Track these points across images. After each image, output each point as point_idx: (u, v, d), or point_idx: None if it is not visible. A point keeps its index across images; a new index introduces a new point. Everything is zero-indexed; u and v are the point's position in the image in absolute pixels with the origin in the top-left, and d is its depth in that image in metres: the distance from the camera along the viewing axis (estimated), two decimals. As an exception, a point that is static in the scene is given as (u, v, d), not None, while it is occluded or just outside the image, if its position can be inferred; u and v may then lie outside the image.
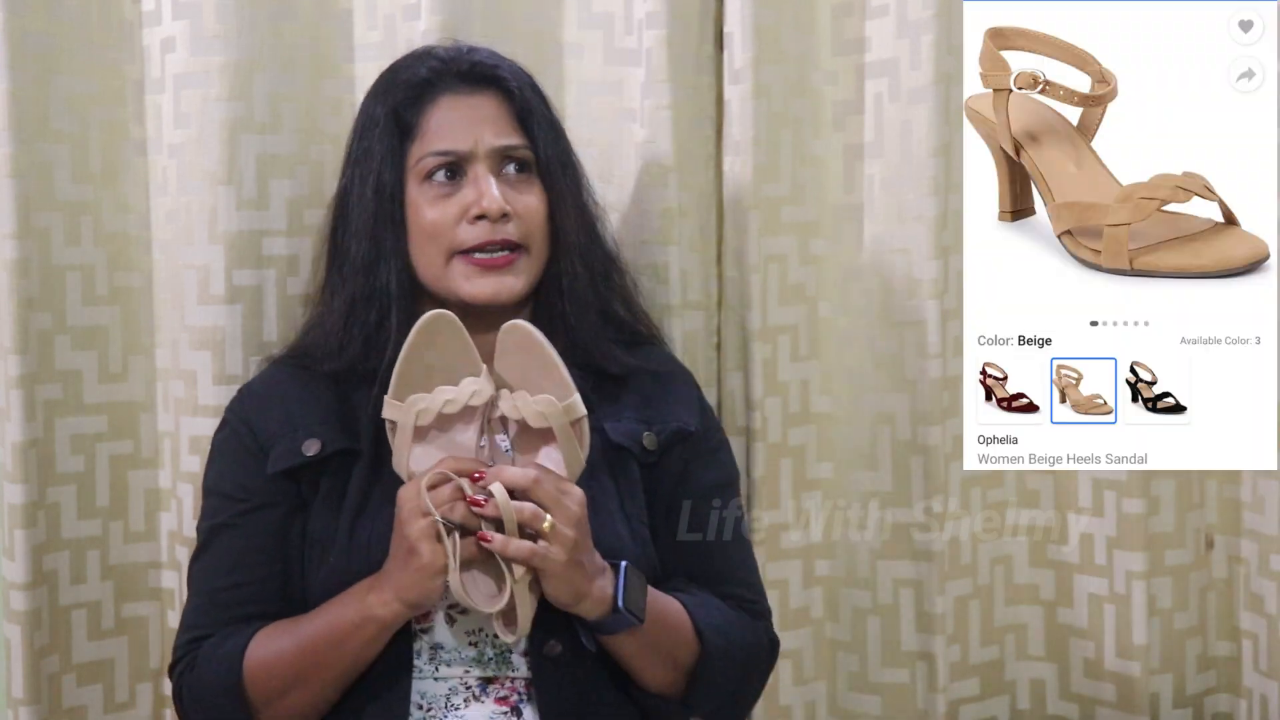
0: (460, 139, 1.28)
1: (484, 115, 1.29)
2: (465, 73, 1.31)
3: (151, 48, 1.47)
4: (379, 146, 1.29)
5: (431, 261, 1.28)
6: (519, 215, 1.28)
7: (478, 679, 1.22)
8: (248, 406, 1.31)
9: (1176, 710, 1.60)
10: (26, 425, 1.40)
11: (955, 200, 1.53)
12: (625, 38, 1.54)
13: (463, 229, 1.27)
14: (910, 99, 1.53)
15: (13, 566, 1.41)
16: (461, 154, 1.27)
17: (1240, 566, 1.60)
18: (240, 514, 1.26)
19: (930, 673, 1.56)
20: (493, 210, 1.26)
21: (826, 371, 1.60)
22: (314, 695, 1.20)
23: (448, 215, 1.27)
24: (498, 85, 1.31)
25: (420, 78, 1.30)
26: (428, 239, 1.27)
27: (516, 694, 1.22)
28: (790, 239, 1.58)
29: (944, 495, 1.55)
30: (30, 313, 1.41)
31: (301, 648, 1.19)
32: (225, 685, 1.21)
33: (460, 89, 1.30)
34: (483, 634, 1.22)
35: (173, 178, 1.46)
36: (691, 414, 1.34)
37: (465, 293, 1.27)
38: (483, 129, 1.28)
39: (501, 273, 1.27)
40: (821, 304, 1.60)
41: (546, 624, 1.19)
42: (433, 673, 1.22)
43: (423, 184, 1.28)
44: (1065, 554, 1.62)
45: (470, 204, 1.27)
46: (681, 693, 1.24)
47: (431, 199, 1.28)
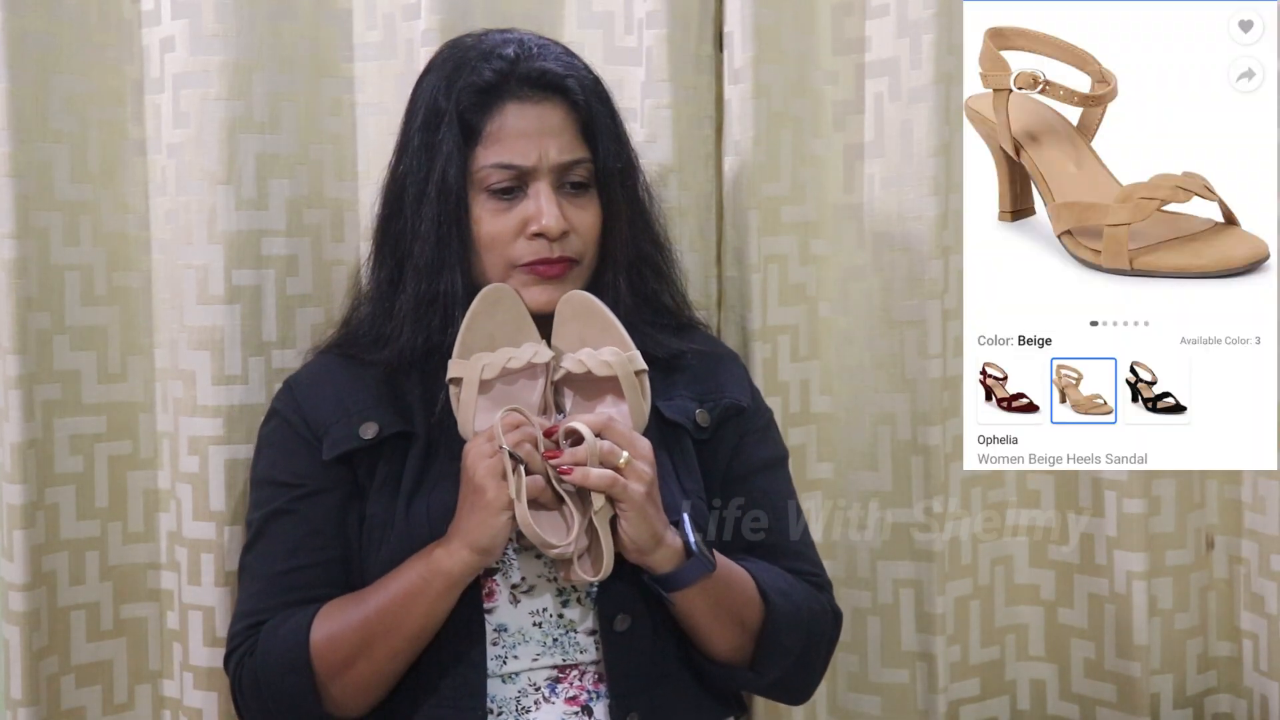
0: (524, 154, 1.27)
1: (549, 127, 1.28)
2: (534, 80, 1.29)
3: (151, 47, 1.47)
4: (444, 145, 1.28)
5: (491, 268, 1.29)
6: (575, 231, 1.29)
7: (546, 678, 1.23)
8: (297, 396, 1.32)
9: (1177, 710, 1.60)
10: (25, 425, 1.40)
11: (955, 200, 1.53)
12: (625, 37, 1.54)
13: (520, 244, 1.28)
14: (910, 99, 1.53)
15: (11, 567, 1.40)
16: (524, 169, 1.27)
17: (1241, 567, 1.60)
18: (296, 499, 1.27)
19: (930, 673, 1.55)
20: (553, 230, 1.26)
21: (826, 371, 1.60)
22: (381, 665, 1.20)
23: (507, 228, 1.28)
24: (564, 95, 1.29)
25: (486, 82, 1.28)
26: (486, 249, 1.28)
27: (585, 692, 1.23)
28: (790, 239, 1.58)
29: (944, 495, 1.55)
30: (29, 312, 1.41)
31: (368, 616, 1.20)
32: (292, 661, 1.21)
33: (526, 96, 1.28)
34: (547, 614, 1.23)
35: (172, 177, 1.46)
36: (743, 391, 1.37)
37: (524, 298, 1.28)
38: (547, 143, 1.28)
39: (556, 283, 1.28)
40: (821, 304, 1.60)
41: (615, 599, 1.21)
42: (500, 668, 1.23)
43: (483, 194, 1.28)
44: (1065, 554, 1.62)
45: (530, 219, 1.27)
46: (749, 659, 1.26)
47: (492, 211, 1.28)
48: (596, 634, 1.24)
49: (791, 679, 1.31)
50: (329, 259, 1.51)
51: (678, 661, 1.26)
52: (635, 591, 1.22)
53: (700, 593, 1.20)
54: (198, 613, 1.45)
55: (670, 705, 1.25)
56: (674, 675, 1.26)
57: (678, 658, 1.26)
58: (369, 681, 1.21)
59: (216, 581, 1.44)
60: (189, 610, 1.46)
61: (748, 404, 1.36)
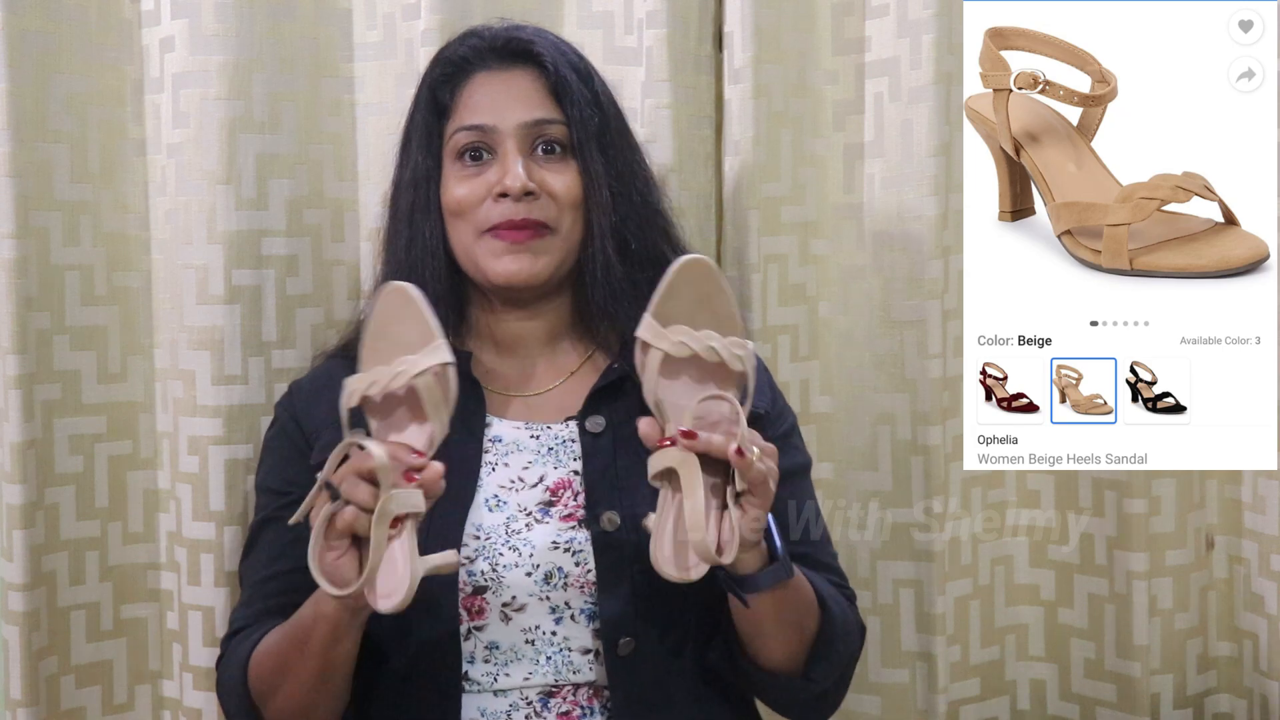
0: (487, 114, 1.26)
1: (515, 92, 1.28)
2: (500, 49, 1.29)
3: (150, 47, 1.47)
4: (417, 129, 1.29)
5: (462, 240, 1.27)
6: (548, 195, 1.26)
7: (539, 693, 1.20)
8: (295, 401, 1.31)
9: (1177, 711, 1.60)
10: (25, 425, 1.40)
11: (955, 200, 1.53)
12: (625, 37, 1.54)
13: (486, 207, 1.25)
14: (910, 99, 1.53)
15: (11, 567, 1.40)
16: (487, 128, 1.26)
17: (1241, 566, 1.60)
18: (283, 507, 1.24)
19: (930, 673, 1.55)
20: (514, 188, 1.23)
21: (826, 371, 1.60)
22: (299, 695, 1.17)
23: (475, 193, 1.26)
24: (532, 61, 1.28)
25: (459, 56, 1.30)
26: (456, 217, 1.27)
27: (579, 707, 1.20)
28: (790, 239, 1.58)
29: (944, 495, 1.55)
30: (29, 313, 1.41)
31: (281, 645, 1.18)
32: (235, 679, 1.21)
33: (495, 66, 1.29)
34: (540, 632, 1.20)
35: (172, 177, 1.46)
36: (763, 395, 1.30)
37: (490, 270, 1.26)
38: (512, 105, 1.27)
39: (521, 250, 1.25)
40: (821, 304, 1.60)
41: (617, 621, 1.18)
42: (491, 684, 1.20)
43: (454, 163, 1.28)
44: (1065, 554, 1.62)
45: (495, 182, 1.25)
46: (802, 666, 1.22)
47: (460, 178, 1.27)
48: (591, 654, 1.21)
49: (831, 693, 1.27)
50: (329, 259, 1.51)
51: (690, 689, 1.22)
52: (637, 612, 1.19)
53: (772, 598, 1.16)
54: (197, 613, 1.45)
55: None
56: (681, 702, 1.22)
57: (689, 685, 1.22)
58: (294, 708, 1.18)
59: (216, 582, 1.44)
60: (189, 610, 1.46)
61: (766, 409, 1.30)
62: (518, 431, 1.26)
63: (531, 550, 1.19)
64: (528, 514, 1.21)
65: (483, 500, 1.22)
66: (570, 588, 1.20)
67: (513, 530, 1.20)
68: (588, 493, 1.22)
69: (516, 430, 1.26)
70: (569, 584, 1.20)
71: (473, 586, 1.19)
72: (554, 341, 1.32)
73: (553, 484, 1.23)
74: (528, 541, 1.20)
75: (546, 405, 1.29)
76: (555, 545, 1.20)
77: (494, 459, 1.25)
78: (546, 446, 1.25)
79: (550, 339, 1.32)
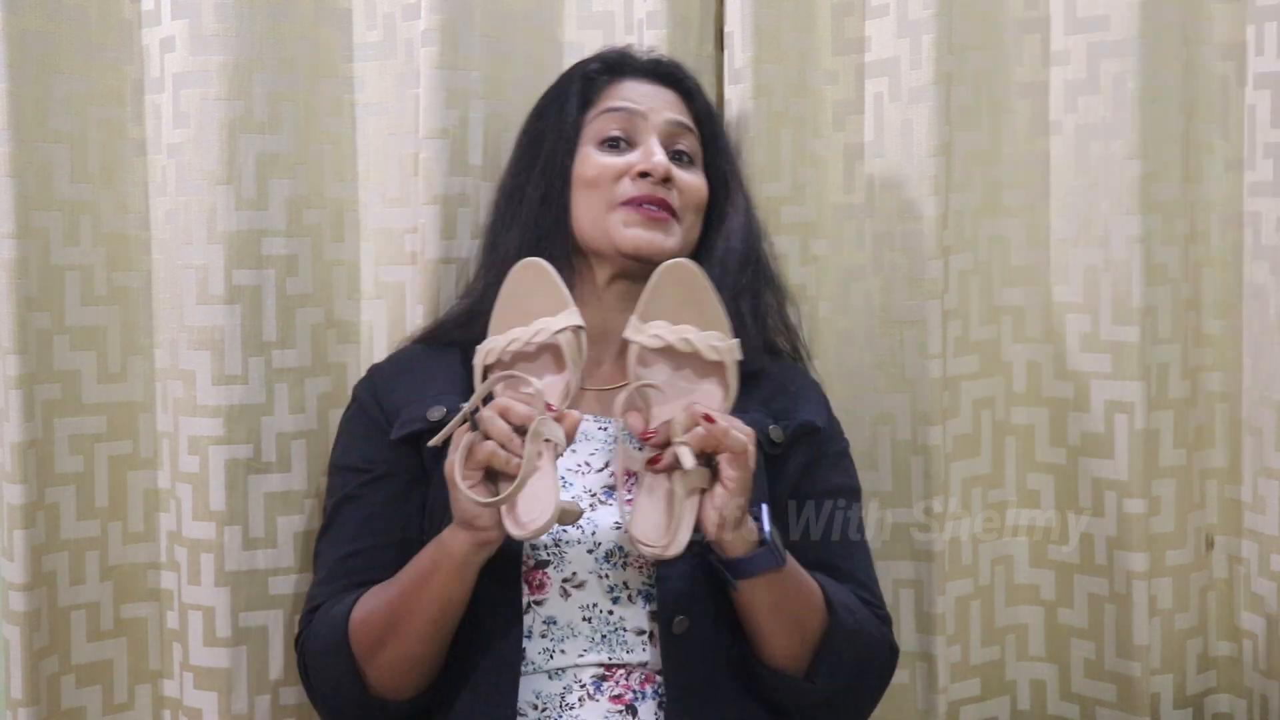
0: (638, 102, 1.34)
1: (664, 98, 1.37)
2: (651, 67, 1.38)
3: (150, 47, 1.47)
4: (556, 115, 1.35)
5: (592, 210, 1.32)
6: (680, 188, 1.32)
7: (592, 675, 1.23)
8: (376, 382, 1.36)
9: (1177, 710, 1.60)
10: (25, 425, 1.40)
11: (955, 200, 1.54)
12: (625, 37, 1.54)
13: (624, 183, 1.31)
14: (910, 99, 1.53)
15: (12, 567, 1.40)
16: (637, 112, 1.33)
17: (1240, 566, 1.60)
18: (362, 484, 1.30)
19: (930, 673, 1.55)
20: (658, 170, 1.30)
21: (826, 371, 1.60)
22: (409, 647, 1.20)
23: (612, 169, 1.32)
24: (679, 85, 1.38)
25: (608, 61, 1.37)
26: (589, 188, 1.32)
27: (631, 691, 1.23)
28: (790, 239, 1.58)
29: (944, 495, 1.55)
30: (29, 312, 1.41)
31: (392, 598, 1.21)
32: (333, 643, 1.23)
33: (644, 77, 1.37)
34: (597, 610, 1.23)
35: (172, 177, 1.46)
36: (819, 413, 1.36)
37: (620, 237, 1.30)
38: (660, 105, 1.35)
39: (656, 227, 1.31)
40: (821, 304, 1.60)
41: (674, 599, 1.21)
42: (547, 662, 1.23)
43: (594, 146, 1.33)
44: (1065, 554, 1.62)
45: (635, 163, 1.31)
46: (804, 667, 1.24)
47: (599, 156, 1.32)
48: (645, 634, 1.23)
49: (841, 700, 1.28)
50: (329, 259, 1.51)
51: (732, 670, 1.24)
52: (695, 592, 1.22)
53: (766, 587, 1.19)
54: (198, 613, 1.45)
55: (725, 716, 1.23)
56: (729, 684, 1.24)
57: (734, 666, 1.24)
58: (401, 663, 1.21)
59: (216, 581, 1.44)
60: (189, 610, 1.46)
61: (823, 425, 1.35)
62: (588, 423, 1.30)
63: (594, 529, 1.24)
64: (593, 495, 1.26)
65: None
66: (629, 567, 1.24)
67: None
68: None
69: (587, 422, 1.30)
70: (628, 563, 1.23)
71: (535, 560, 1.23)
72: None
73: (616, 470, 1.27)
74: (591, 520, 1.24)
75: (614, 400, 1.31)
76: (618, 526, 1.23)
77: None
78: (613, 437, 1.29)
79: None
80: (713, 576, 1.21)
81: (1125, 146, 1.52)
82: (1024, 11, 1.58)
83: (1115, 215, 1.53)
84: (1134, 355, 1.53)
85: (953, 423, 1.56)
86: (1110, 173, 1.53)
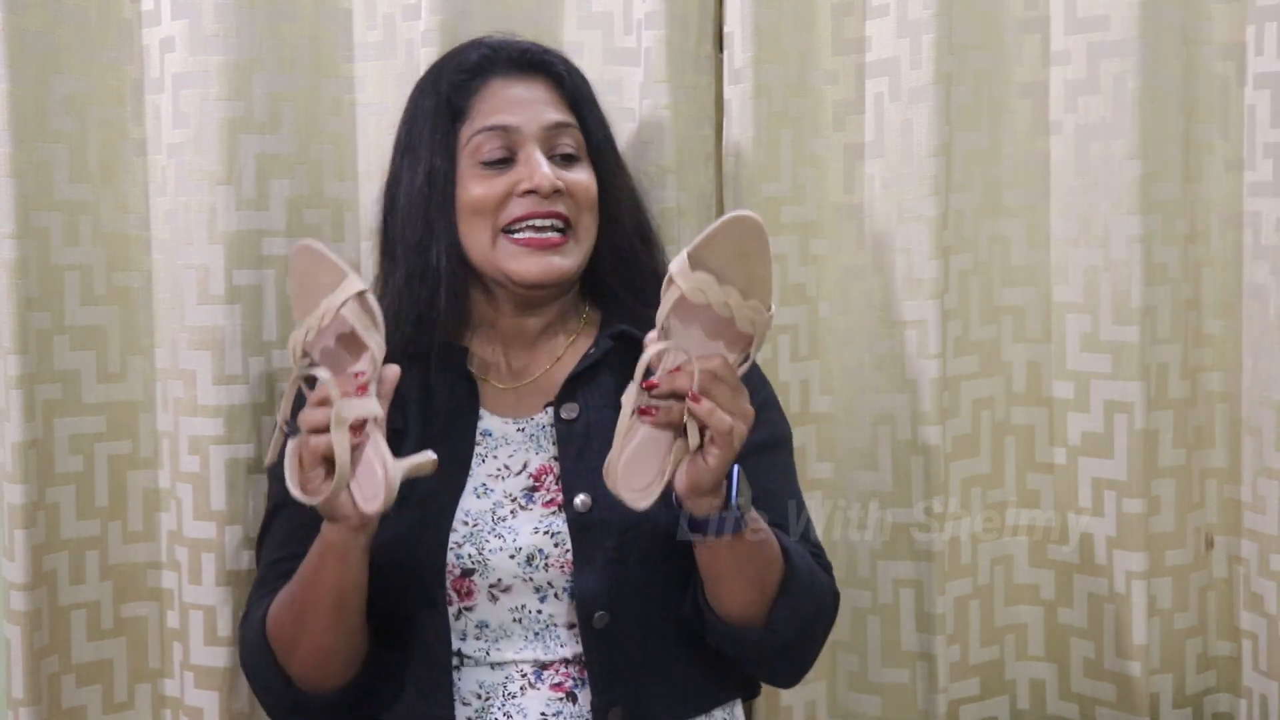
0: (511, 115, 1.29)
1: (535, 97, 1.31)
2: (515, 59, 1.33)
3: (150, 47, 1.47)
4: (429, 133, 1.31)
5: (479, 239, 1.29)
6: (570, 193, 1.29)
7: (532, 666, 1.24)
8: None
9: (1176, 710, 1.60)
10: (26, 425, 1.40)
11: (955, 200, 1.53)
12: (624, 37, 1.54)
13: (511, 203, 1.28)
14: (910, 99, 1.52)
15: (12, 567, 1.41)
16: (512, 127, 1.29)
17: (1240, 566, 1.60)
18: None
19: (930, 673, 1.56)
20: (544, 186, 1.27)
21: (826, 371, 1.60)
22: (318, 639, 1.21)
23: (496, 191, 1.28)
24: (547, 71, 1.33)
25: (471, 63, 1.32)
26: (474, 214, 1.29)
27: (570, 679, 1.25)
28: (790, 239, 1.58)
29: (944, 495, 1.55)
30: (29, 312, 1.41)
31: (294, 595, 1.22)
32: (256, 646, 1.25)
33: (511, 74, 1.32)
34: (526, 611, 1.24)
35: (172, 177, 1.46)
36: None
37: (513, 271, 1.28)
38: (533, 108, 1.30)
39: (549, 253, 1.28)
40: (821, 304, 1.60)
41: (591, 596, 1.22)
42: (485, 658, 1.24)
43: (474, 166, 1.29)
44: (1065, 554, 1.62)
45: (520, 180, 1.28)
46: (763, 618, 1.23)
47: (481, 178, 1.29)
48: (575, 629, 1.24)
49: (795, 648, 1.29)
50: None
51: (668, 653, 1.26)
52: (611, 589, 1.23)
53: (729, 548, 1.18)
54: (198, 612, 1.45)
55: (656, 698, 1.26)
56: (662, 668, 1.26)
57: (668, 650, 1.26)
58: (315, 656, 1.22)
59: (217, 581, 1.44)
60: (189, 609, 1.46)
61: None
62: (505, 426, 1.30)
63: (515, 535, 1.24)
64: (513, 500, 1.26)
65: (472, 489, 1.27)
66: (551, 568, 1.24)
67: (498, 516, 1.25)
68: (563, 476, 1.26)
69: (505, 425, 1.30)
70: (549, 565, 1.24)
71: (461, 569, 1.24)
72: (549, 331, 1.35)
73: (535, 470, 1.28)
74: (511, 527, 1.25)
75: (534, 392, 1.32)
76: (536, 530, 1.25)
77: (484, 451, 1.29)
78: (529, 435, 1.29)
79: (546, 331, 1.35)
80: (628, 571, 1.23)
81: (1125, 146, 1.52)
82: (1024, 11, 1.58)
83: (1115, 215, 1.53)
84: (1134, 355, 1.53)
85: (952, 423, 1.56)
86: (1110, 173, 1.53)
